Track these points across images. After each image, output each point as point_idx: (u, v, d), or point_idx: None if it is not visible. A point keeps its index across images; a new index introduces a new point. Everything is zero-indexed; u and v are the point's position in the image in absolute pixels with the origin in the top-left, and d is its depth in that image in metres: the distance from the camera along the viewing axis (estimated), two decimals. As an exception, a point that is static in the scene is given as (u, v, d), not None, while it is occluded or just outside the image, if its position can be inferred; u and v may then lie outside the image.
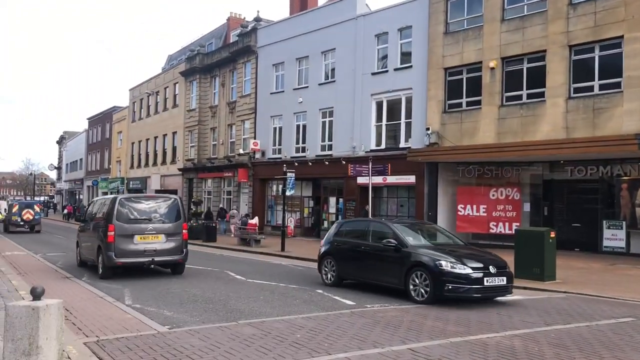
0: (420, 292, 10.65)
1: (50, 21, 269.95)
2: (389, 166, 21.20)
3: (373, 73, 26.54)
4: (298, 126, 30.94)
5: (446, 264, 10.39)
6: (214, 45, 44.63)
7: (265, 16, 37.49)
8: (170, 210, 14.72)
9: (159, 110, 47.15)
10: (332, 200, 29.13)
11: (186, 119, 41.34)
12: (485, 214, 22.61)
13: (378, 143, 26.27)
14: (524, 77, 21.02)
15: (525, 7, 21.18)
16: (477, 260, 10.78)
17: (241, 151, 34.70)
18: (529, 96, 20.86)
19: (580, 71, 19.60)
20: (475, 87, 22.37)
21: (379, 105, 26.39)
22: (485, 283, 10.32)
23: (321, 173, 28.77)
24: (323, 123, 29.42)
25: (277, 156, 31.77)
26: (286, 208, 25.58)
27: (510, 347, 7.33)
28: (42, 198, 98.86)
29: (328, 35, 28.95)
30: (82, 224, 17.55)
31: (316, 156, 29.03)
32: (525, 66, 21.02)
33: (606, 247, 19.94)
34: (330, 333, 7.94)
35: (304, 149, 30.12)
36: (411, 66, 24.82)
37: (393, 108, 25.88)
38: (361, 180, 24.24)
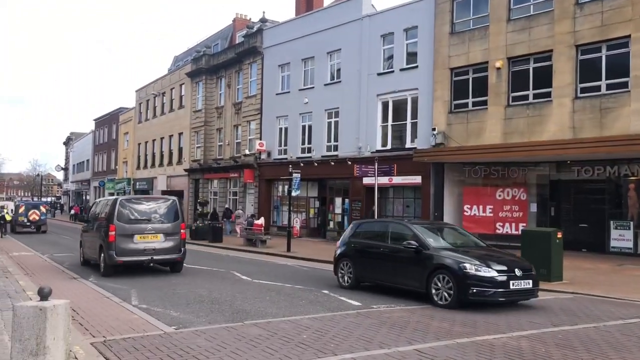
0: (443, 296, 10.31)
1: (50, 21, 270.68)
2: (395, 167, 21.14)
3: (379, 73, 26.50)
4: (304, 127, 30.94)
5: (470, 267, 10.06)
6: (220, 46, 44.68)
7: (271, 17, 37.45)
8: (169, 210, 15.26)
9: (165, 111, 47.31)
10: (338, 200, 29.10)
11: (192, 120, 41.43)
12: (491, 215, 22.54)
13: (384, 143, 26.22)
14: (531, 77, 20.95)
15: (531, 7, 21.10)
16: (502, 262, 10.44)
17: (247, 152, 34.73)
18: (536, 96, 20.78)
19: (587, 71, 19.51)
20: (481, 87, 22.30)
21: (385, 105, 26.35)
22: (511, 286, 10.01)
23: (327, 174, 28.74)
24: (329, 123, 29.41)
25: (283, 157, 31.79)
26: (292, 209, 25.55)
27: (517, 348, 7.30)
28: (49, 199, 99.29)
29: (334, 35, 28.95)
30: (86, 224, 18.08)
31: (322, 157, 29.02)
32: (531, 66, 20.95)
33: (613, 248, 19.81)
34: (336, 334, 7.95)
35: (310, 150, 30.12)
36: (417, 66, 24.77)
37: (399, 108, 25.84)
38: (367, 180, 24.18)
